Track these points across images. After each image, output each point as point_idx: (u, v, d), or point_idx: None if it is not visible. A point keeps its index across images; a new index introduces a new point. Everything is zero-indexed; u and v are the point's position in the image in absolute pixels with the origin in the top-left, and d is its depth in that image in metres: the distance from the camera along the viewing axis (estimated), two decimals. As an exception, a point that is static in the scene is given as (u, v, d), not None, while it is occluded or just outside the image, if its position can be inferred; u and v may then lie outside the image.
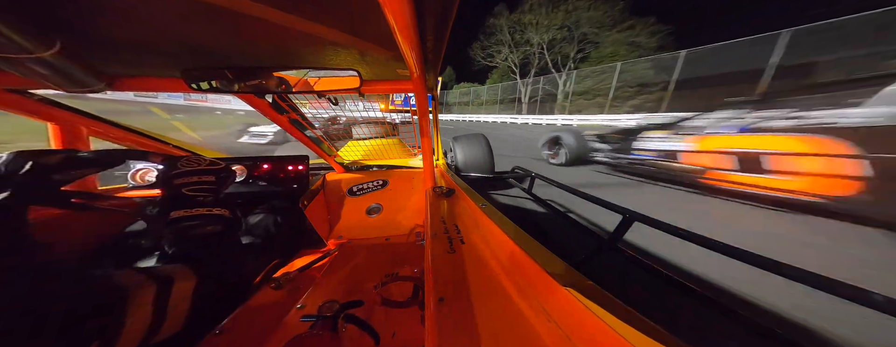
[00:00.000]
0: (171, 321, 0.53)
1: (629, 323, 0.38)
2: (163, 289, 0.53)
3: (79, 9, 0.50)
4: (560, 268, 0.53)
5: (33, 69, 0.61)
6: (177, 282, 0.57)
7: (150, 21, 0.55)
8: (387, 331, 0.85)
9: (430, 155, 1.30)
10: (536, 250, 0.60)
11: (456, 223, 0.86)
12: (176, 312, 0.55)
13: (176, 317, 0.55)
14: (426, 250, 0.77)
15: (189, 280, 0.61)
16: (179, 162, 0.78)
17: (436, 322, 0.48)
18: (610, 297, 0.44)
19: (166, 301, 0.53)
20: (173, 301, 0.54)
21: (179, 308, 0.56)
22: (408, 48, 0.52)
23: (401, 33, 0.46)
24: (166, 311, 0.52)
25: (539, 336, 0.45)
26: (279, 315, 0.94)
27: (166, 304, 0.53)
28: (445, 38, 0.57)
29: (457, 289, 0.55)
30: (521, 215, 2.64)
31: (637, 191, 3.53)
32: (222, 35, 0.61)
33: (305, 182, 1.39)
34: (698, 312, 1.26)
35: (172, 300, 0.54)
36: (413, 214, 1.66)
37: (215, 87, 0.77)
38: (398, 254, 1.39)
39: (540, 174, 2.41)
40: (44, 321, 0.37)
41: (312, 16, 0.53)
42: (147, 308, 0.49)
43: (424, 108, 1.10)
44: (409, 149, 2.07)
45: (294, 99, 1.18)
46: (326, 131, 1.60)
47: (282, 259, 1.26)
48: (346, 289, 1.11)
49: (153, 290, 0.51)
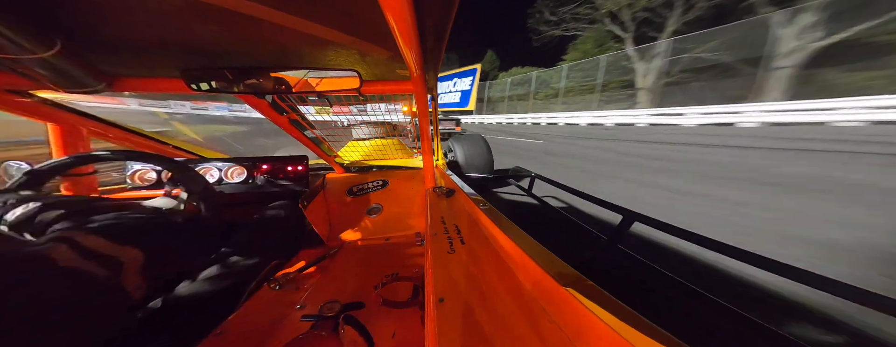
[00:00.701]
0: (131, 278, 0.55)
1: (629, 323, 0.38)
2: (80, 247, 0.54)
3: (79, 9, 0.50)
4: (560, 268, 0.53)
5: (33, 69, 0.61)
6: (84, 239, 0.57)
7: (150, 21, 0.55)
8: (387, 331, 0.85)
9: (430, 155, 1.31)
10: (536, 250, 0.60)
11: (456, 223, 0.87)
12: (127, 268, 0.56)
13: (134, 281, 0.57)
14: (426, 250, 0.77)
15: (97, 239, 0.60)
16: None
17: (436, 322, 0.48)
18: (610, 297, 0.44)
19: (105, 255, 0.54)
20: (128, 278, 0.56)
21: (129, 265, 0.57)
22: (407, 48, 0.52)
23: (400, 33, 0.46)
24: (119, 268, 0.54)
25: (539, 336, 0.45)
26: (279, 316, 0.94)
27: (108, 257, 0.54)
28: (445, 39, 0.57)
29: (457, 289, 0.55)
30: (522, 215, 2.64)
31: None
32: (222, 35, 0.61)
33: (305, 182, 1.39)
34: (698, 312, 1.26)
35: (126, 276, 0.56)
36: (413, 214, 1.66)
37: (215, 88, 0.77)
38: (398, 254, 1.39)
39: (540, 174, 2.41)
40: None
41: (312, 16, 0.53)
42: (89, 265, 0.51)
43: (424, 109, 1.10)
44: (409, 149, 2.07)
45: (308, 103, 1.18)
46: (333, 129, 1.60)
47: (282, 259, 1.26)
48: (347, 289, 1.11)
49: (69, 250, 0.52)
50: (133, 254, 0.60)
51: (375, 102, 1.44)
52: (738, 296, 1.44)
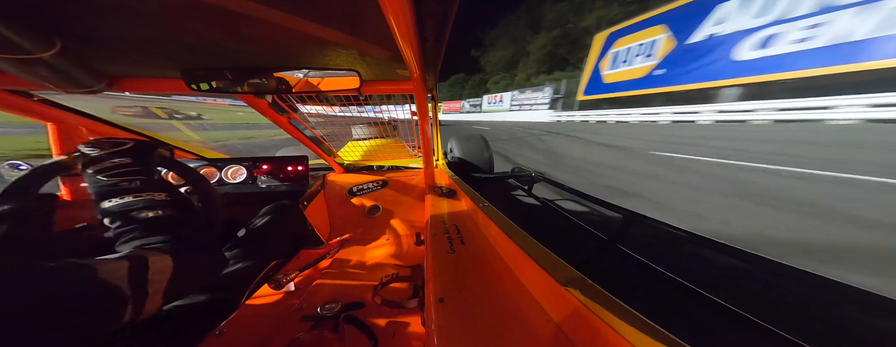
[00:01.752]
0: (153, 298, 0.51)
1: (629, 323, 0.38)
2: (138, 266, 0.51)
3: (79, 9, 0.50)
4: (560, 268, 0.53)
5: (33, 69, 0.61)
6: (152, 260, 0.54)
7: (149, 21, 0.55)
8: (387, 331, 0.85)
9: (430, 155, 1.31)
10: (536, 250, 0.60)
11: (456, 223, 0.87)
12: (155, 287, 0.52)
13: (156, 293, 0.52)
14: (426, 250, 0.77)
15: (163, 258, 0.57)
16: (85, 149, 0.67)
17: (436, 322, 0.48)
18: (610, 297, 0.44)
19: (145, 276, 0.50)
20: (152, 276, 0.52)
21: (158, 283, 0.53)
22: (408, 49, 0.53)
23: (400, 34, 0.46)
24: (147, 287, 0.50)
25: (539, 336, 0.45)
26: (279, 316, 0.94)
27: (145, 279, 0.50)
28: (445, 39, 0.57)
29: (457, 289, 0.55)
30: (521, 215, 2.64)
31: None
32: (222, 35, 0.61)
33: (305, 182, 1.39)
34: (698, 312, 1.26)
35: (151, 274, 0.52)
36: (413, 214, 1.66)
37: (215, 88, 0.77)
38: (398, 254, 1.39)
39: (541, 174, 2.41)
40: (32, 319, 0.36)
41: (312, 16, 0.53)
42: (124, 284, 0.47)
43: (424, 109, 1.10)
44: (408, 149, 2.08)
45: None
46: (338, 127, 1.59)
47: (282, 259, 1.26)
48: (347, 290, 1.11)
49: (126, 266, 0.49)
50: (167, 274, 0.56)
51: (376, 103, 1.44)
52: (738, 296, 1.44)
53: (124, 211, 0.63)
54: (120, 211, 0.63)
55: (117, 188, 0.64)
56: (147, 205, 0.65)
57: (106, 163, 0.65)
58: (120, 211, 0.63)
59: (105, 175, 0.64)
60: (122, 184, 0.65)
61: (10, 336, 0.34)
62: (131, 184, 0.66)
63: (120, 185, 0.65)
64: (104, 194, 0.63)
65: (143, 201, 0.65)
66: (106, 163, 0.65)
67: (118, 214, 0.63)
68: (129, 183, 0.66)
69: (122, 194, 0.64)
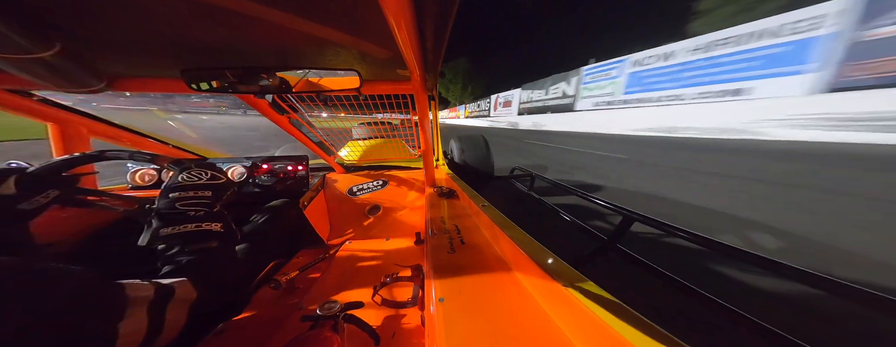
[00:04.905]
0: (167, 333, 0.48)
1: (629, 323, 0.38)
2: (161, 299, 0.49)
3: (79, 9, 0.50)
4: (560, 268, 0.53)
5: (33, 69, 0.61)
6: (176, 293, 0.52)
7: (150, 21, 0.55)
8: (387, 331, 0.85)
9: (430, 155, 1.31)
10: (536, 250, 0.60)
11: (456, 223, 0.87)
12: (172, 324, 0.50)
13: (171, 329, 0.49)
14: (426, 250, 0.77)
15: (189, 292, 0.55)
16: (181, 174, 0.69)
17: (436, 322, 0.48)
18: (610, 297, 0.44)
19: (163, 311, 0.48)
20: (170, 313, 0.49)
21: (175, 320, 0.51)
22: (408, 49, 0.53)
23: (401, 34, 0.46)
24: (162, 323, 0.48)
25: (539, 336, 0.45)
26: (279, 316, 0.94)
27: (163, 315, 0.48)
28: (445, 39, 0.57)
29: (457, 289, 0.55)
30: (521, 215, 2.63)
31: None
32: (222, 35, 0.61)
33: (305, 182, 1.39)
34: (698, 311, 1.25)
35: (169, 311, 0.49)
36: (413, 214, 1.66)
37: (215, 88, 0.77)
38: (398, 254, 1.39)
39: (540, 174, 2.41)
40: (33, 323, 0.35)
41: (312, 16, 0.53)
42: (142, 317, 0.45)
43: (424, 109, 1.10)
44: (409, 149, 2.08)
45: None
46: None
47: (282, 259, 1.26)
48: (346, 289, 1.11)
49: (150, 299, 0.47)
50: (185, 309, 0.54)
51: (376, 103, 1.44)
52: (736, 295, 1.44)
53: (178, 237, 0.62)
54: (174, 235, 0.61)
55: (184, 217, 0.64)
56: (201, 237, 0.64)
57: (189, 192, 0.65)
58: (174, 235, 0.61)
59: (183, 204, 0.64)
60: (190, 213, 0.64)
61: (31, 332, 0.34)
62: (197, 213, 0.65)
63: (187, 214, 0.64)
64: (169, 220, 0.62)
65: (200, 233, 0.64)
66: (189, 193, 0.65)
67: (171, 238, 0.61)
68: (194, 213, 0.65)
69: (185, 223, 0.63)
